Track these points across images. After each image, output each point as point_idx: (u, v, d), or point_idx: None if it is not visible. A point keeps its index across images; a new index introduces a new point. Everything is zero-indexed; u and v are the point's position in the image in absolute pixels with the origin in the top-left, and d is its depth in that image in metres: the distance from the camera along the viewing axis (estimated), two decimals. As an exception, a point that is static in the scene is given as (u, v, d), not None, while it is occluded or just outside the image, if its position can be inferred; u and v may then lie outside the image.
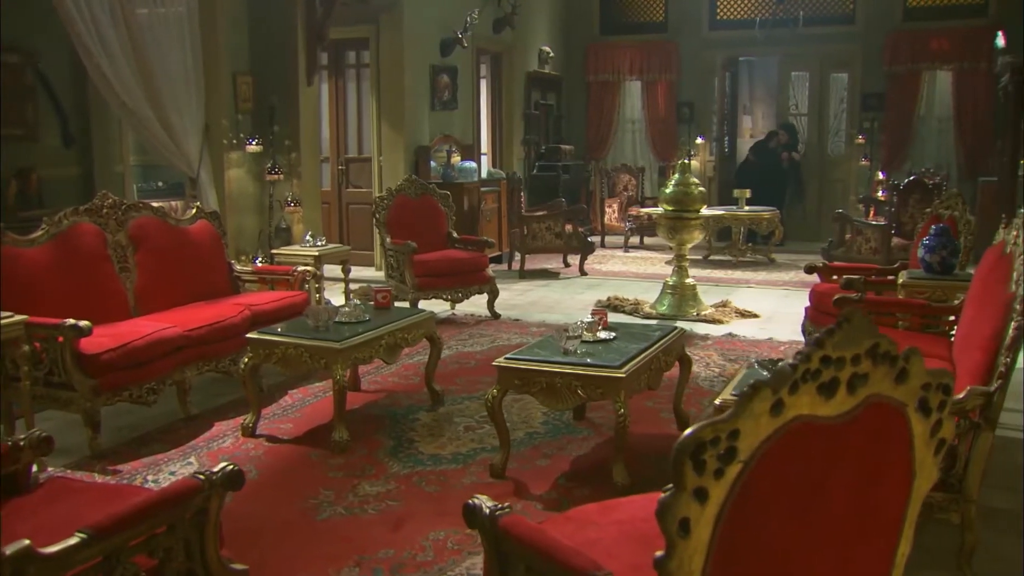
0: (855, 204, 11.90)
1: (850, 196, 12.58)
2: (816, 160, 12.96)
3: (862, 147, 12.43)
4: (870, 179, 12.21)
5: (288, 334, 4.60)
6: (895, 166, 12.10)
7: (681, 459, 1.51)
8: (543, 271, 10.25)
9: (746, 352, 6.41)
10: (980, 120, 11.59)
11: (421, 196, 7.91)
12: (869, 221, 9.24)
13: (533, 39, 12.74)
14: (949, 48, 11.61)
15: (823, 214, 12.93)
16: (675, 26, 13.32)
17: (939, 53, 11.70)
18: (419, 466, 4.23)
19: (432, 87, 10.13)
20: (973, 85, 11.60)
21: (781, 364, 1.61)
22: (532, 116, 12.74)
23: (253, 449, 4.52)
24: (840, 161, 12.90)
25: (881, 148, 12.24)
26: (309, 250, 7.01)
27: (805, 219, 12.84)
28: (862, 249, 8.84)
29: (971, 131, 11.64)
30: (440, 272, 7.38)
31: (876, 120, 12.28)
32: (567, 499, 3.84)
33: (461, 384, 5.61)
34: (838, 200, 12.73)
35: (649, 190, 13.18)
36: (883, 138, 12.20)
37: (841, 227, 9.18)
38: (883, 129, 12.21)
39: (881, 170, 12.06)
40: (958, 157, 11.80)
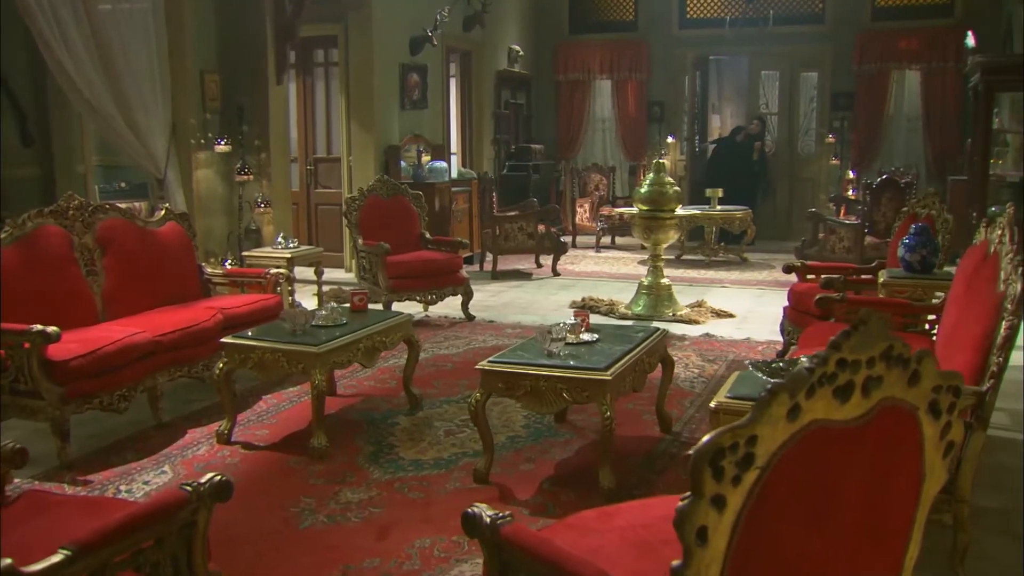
0: (825, 203, 12.02)
1: (820, 195, 12.70)
2: (786, 159, 13.07)
3: (832, 146, 12.56)
4: (840, 178, 12.33)
5: (264, 338, 4.52)
6: (865, 165, 12.25)
7: (700, 466, 1.49)
8: (515, 272, 10.23)
9: (724, 352, 6.43)
10: (948, 119, 11.76)
11: (393, 196, 7.85)
12: (842, 220, 9.31)
13: (503, 38, 12.71)
14: (917, 48, 11.77)
15: (793, 213, 13.05)
16: (645, 25, 13.36)
17: (907, 53, 11.86)
18: (401, 472, 4.18)
19: (402, 86, 10.06)
20: (941, 84, 11.77)
21: (798, 368, 1.59)
22: (502, 115, 12.72)
23: (229, 457, 4.44)
24: (810, 160, 13.02)
25: (851, 147, 12.37)
26: (281, 252, 6.93)
27: (775, 218, 12.94)
28: (835, 248, 8.93)
29: (939, 130, 11.80)
30: (414, 273, 7.33)
31: (846, 119, 12.41)
32: (553, 504, 3.82)
33: (439, 387, 5.56)
34: (808, 199, 12.85)
35: (620, 190, 13.22)
36: (853, 137, 12.33)
37: (814, 226, 9.26)
38: (853, 128, 12.34)
39: (851, 169, 12.19)
40: (927, 156, 11.97)
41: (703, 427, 4.79)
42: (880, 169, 11.55)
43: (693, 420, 4.91)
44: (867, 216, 8.83)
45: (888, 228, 8.98)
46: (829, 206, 11.54)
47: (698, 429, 4.76)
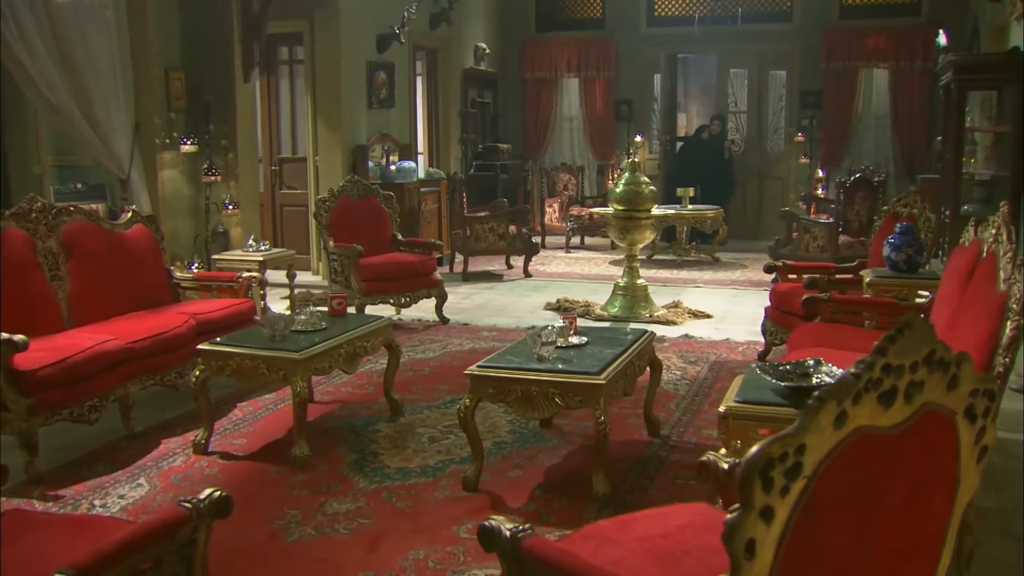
0: (795, 202, 12.13)
1: (790, 194, 12.81)
2: (755, 158, 13.16)
3: (801, 145, 12.67)
4: (810, 177, 12.45)
5: (243, 344, 4.43)
6: (834, 163, 12.37)
7: (751, 477, 1.46)
8: (486, 273, 10.17)
9: (705, 354, 6.43)
10: (916, 118, 11.93)
11: (364, 197, 7.76)
12: (817, 219, 9.39)
13: (469, 35, 12.65)
14: (885, 46, 11.92)
15: (763, 212, 13.16)
16: (613, 22, 13.38)
17: (875, 51, 12.00)
18: (387, 481, 4.12)
19: (369, 84, 9.96)
20: (909, 83, 11.93)
21: (843, 373, 1.56)
22: (469, 114, 12.65)
23: (207, 467, 4.34)
24: (779, 159, 13.12)
25: (820, 146, 12.49)
26: (253, 255, 6.81)
27: (745, 217, 13.02)
28: (809, 247, 9.00)
29: (907, 129, 11.97)
30: (387, 276, 7.25)
31: (814, 118, 12.53)
32: (547, 511, 3.78)
33: (418, 392, 5.49)
34: (778, 198, 12.96)
35: (588, 189, 13.22)
36: (822, 135, 12.45)
37: (788, 225, 9.32)
38: (821, 127, 12.46)
39: (820, 168, 12.31)
40: (895, 155, 12.13)
41: (690, 430, 4.79)
42: (850, 168, 11.67)
43: (680, 423, 4.90)
44: (841, 215, 8.91)
45: (862, 227, 9.09)
46: (799, 205, 11.64)
47: (686, 432, 4.75)
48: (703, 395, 5.42)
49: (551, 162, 13.66)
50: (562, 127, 14.07)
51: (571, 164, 13.30)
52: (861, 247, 9.04)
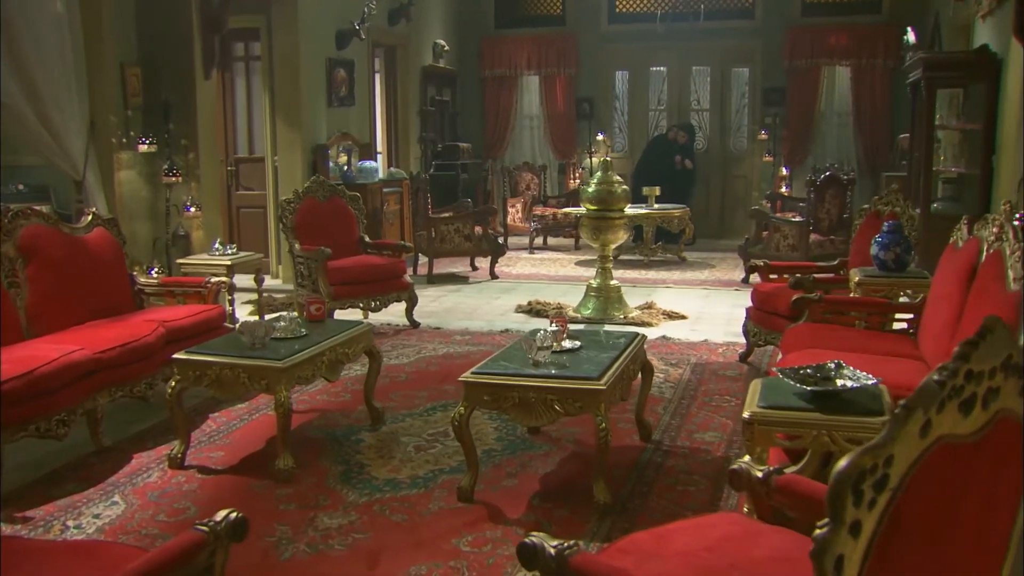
0: (759, 200, 12.22)
1: (754, 192, 12.93)
2: (718, 156, 13.25)
3: (765, 143, 12.78)
4: (773, 175, 12.57)
5: (221, 353, 4.30)
6: (797, 161, 12.52)
7: (843, 491, 1.42)
8: (451, 275, 10.09)
9: (685, 355, 6.43)
10: (878, 116, 12.11)
11: (330, 198, 7.63)
12: (788, 218, 9.47)
13: (428, 32, 12.56)
14: (847, 44, 12.09)
15: (727, 211, 13.26)
16: (574, 19, 13.38)
17: (837, 49, 12.17)
18: (377, 493, 4.02)
19: (328, 82, 9.82)
20: (871, 81, 12.11)
21: (927, 381, 1.53)
22: (428, 113, 12.55)
23: (186, 483, 4.20)
24: (743, 157, 13.23)
25: (783, 144, 12.62)
26: (220, 259, 6.64)
27: (709, 216, 13.09)
28: (780, 246, 9.07)
29: (870, 127, 12.15)
30: (357, 279, 7.13)
31: (778, 116, 12.66)
32: (548, 521, 3.72)
33: (398, 400, 5.40)
34: (741, 197, 13.07)
35: (550, 189, 13.19)
36: (785, 133, 12.58)
37: (758, 224, 9.38)
38: (784, 124, 12.59)
39: (784, 165, 12.44)
40: (858, 152, 12.30)
41: (682, 434, 4.77)
42: (814, 166, 11.81)
43: (671, 427, 4.88)
44: (811, 213, 8.99)
45: (832, 225, 9.19)
46: (763, 203, 11.72)
47: (678, 437, 4.73)
48: (689, 398, 5.41)
49: (511, 161, 13.63)
50: (522, 126, 14.04)
51: (533, 163, 13.26)
52: (831, 245, 9.16)
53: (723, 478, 4.15)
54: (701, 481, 4.13)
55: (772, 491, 2.32)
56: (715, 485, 4.08)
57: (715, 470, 4.27)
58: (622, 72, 13.61)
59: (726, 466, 4.30)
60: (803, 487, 2.29)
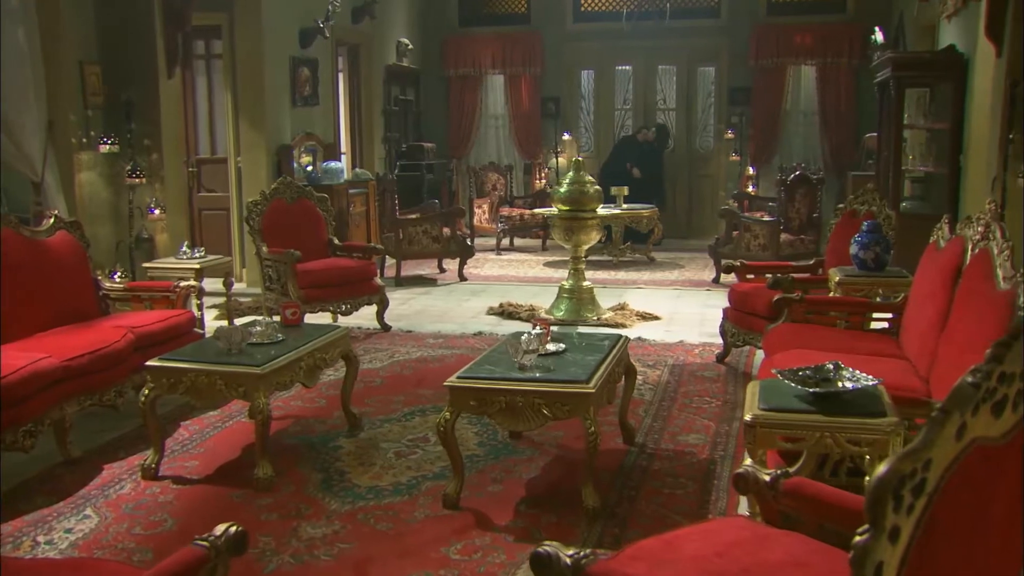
0: (725, 200, 12.31)
1: (720, 192, 13.01)
2: (685, 156, 13.31)
3: (731, 142, 12.87)
4: (740, 174, 12.66)
5: (197, 360, 4.22)
6: (763, 161, 12.62)
7: (884, 497, 1.41)
8: (419, 278, 10.03)
9: (662, 357, 6.43)
10: (844, 115, 12.25)
11: (298, 200, 7.53)
12: (759, 217, 9.54)
13: (391, 30, 12.48)
14: (812, 43, 12.21)
15: (693, 211, 13.33)
16: (538, 17, 13.37)
17: (803, 48, 12.29)
18: (360, 501, 3.97)
19: (292, 81, 9.70)
20: (836, 80, 12.25)
21: (961, 382, 1.52)
22: (392, 113, 12.47)
23: (161, 494, 4.11)
24: (709, 157, 13.30)
25: (749, 143, 12.71)
26: (188, 262, 6.52)
27: (675, 216, 13.12)
28: (750, 246, 9.13)
29: (835, 126, 12.29)
30: (327, 282, 7.05)
31: (744, 115, 12.75)
32: (536, 528, 3.69)
33: (374, 405, 5.34)
34: (708, 196, 13.15)
35: (516, 189, 13.17)
36: (751, 132, 12.68)
37: (729, 224, 9.44)
38: (751, 123, 12.68)
39: (751, 165, 12.54)
40: (823, 152, 12.44)
41: (665, 437, 4.77)
42: (781, 165, 11.92)
43: (654, 430, 4.88)
44: (781, 213, 9.07)
45: (802, 224, 9.27)
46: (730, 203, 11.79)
47: (661, 439, 4.73)
48: (670, 400, 5.42)
49: (477, 161, 13.58)
50: (487, 125, 14.01)
51: (499, 163, 13.23)
52: (802, 244, 9.25)
53: (710, 481, 4.17)
54: (688, 484, 4.13)
55: (780, 495, 2.31)
56: (703, 488, 4.08)
57: (701, 473, 4.27)
58: (588, 71, 13.63)
59: (712, 469, 4.32)
60: (812, 490, 2.28)
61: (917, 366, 3.96)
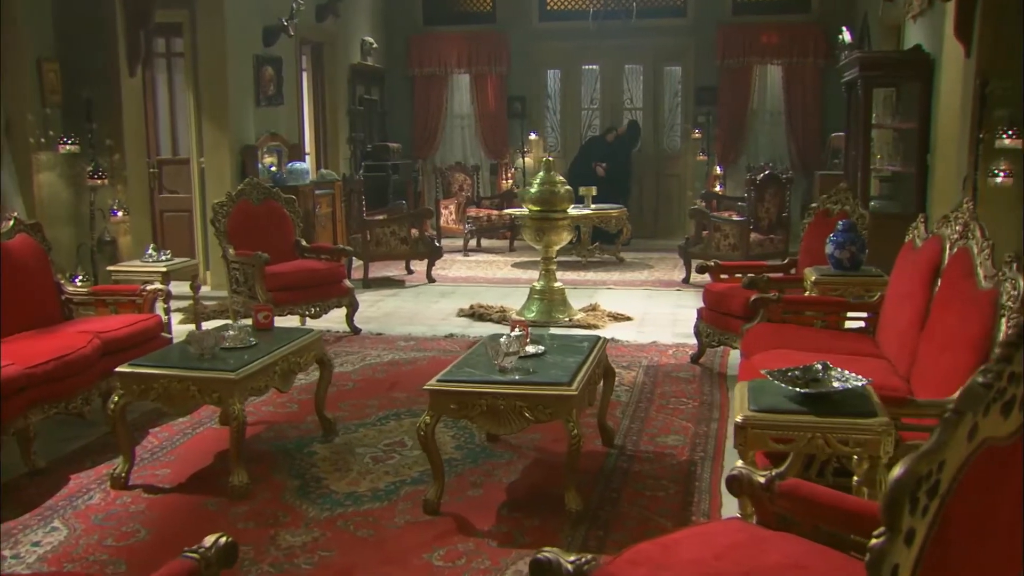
0: (693, 200, 12.38)
1: (687, 192, 13.09)
2: (652, 156, 13.36)
3: (698, 141, 12.95)
4: (707, 174, 12.74)
5: (169, 365, 4.15)
6: (730, 160, 12.72)
7: (901, 499, 1.41)
8: (387, 279, 9.97)
9: (636, 358, 6.44)
10: (810, 114, 12.38)
11: (264, 201, 7.45)
12: (728, 217, 9.60)
13: (356, 29, 12.40)
14: (778, 42, 12.33)
15: (661, 210, 13.39)
16: (504, 16, 13.35)
17: (769, 47, 12.40)
18: (339, 507, 3.92)
19: (256, 80, 9.60)
20: (802, 80, 12.38)
21: (972, 383, 1.53)
22: (356, 112, 12.39)
23: (132, 504, 4.03)
24: (676, 156, 13.37)
25: (716, 142, 12.80)
26: (154, 266, 6.41)
27: (642, 216, 13.16)
28: (720, 245, 9.18)
29: (801, 125, 12.41)
30: (296, 285, 6.98)
31: (711, 114, 12.83)
32: (520, 532, 3.67)
33: (347, 410, 5.29)
34: (676, 196, 13.22)
35: (482, 189, 13.14)
36: (718, 132, 12.76)
37: (699, 224, 9.49)
38: (717, 123, 12.77)
39: (718, 164, 12.62)
40: (790, 151, 12.55)
41: (644, 438, 4.77)
42: (748, 165, 12.02)
43: (632, 432, 4.88)
44: (751, 212, 9.14)
45: (771, 224, 9.35)
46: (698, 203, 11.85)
47: (640, 441, 4.73)
48: (647, 401, 5.43)
49: (442, 161, 13.54)
50: (453, 125, 13.97)
51: (465, 164, 13.20)
52: (771, 244, 9.32)
53: (692, 482, 4.18)
54: (670, 486, 4.13)
55: (775, 496, 2.31)
56: (684, 490, 4.09)
57: (682, 474, 4.28)
58: (554, 71, 13.65)
59: (693, 470, 4.34)
60: (808, 492, 2.29)
61: (896, 365, 4.00)
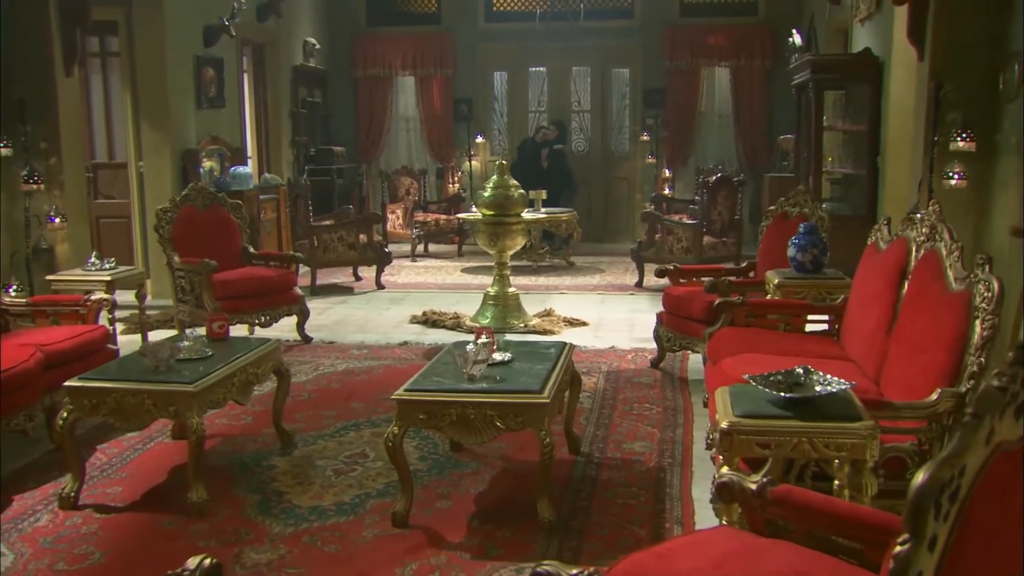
0: (642, 203, 12.48)
1: (636, 195, 13.18)
2: (600, 158, 13.44)
3: (647, 144, 13.05)
4: (656, 176, 12.85)
5: (122, 378, 4.03)
6: (679, 163, 12.85)
7: (926, 506, 1.42)
8: (334, 286, 9.85)
9: (595, 363, 6.45)
10: (757, 117, 12.57)
11: (210, 207, 7.31)
12: (681, 220, 9.68)
13: (298, 29, 12.27)
14: (725, 44, 12.50)
15: (609, 214, 13.46)
16: (449, 17, 13.33)
17: (716, 49, 12.55)
18: (303, 523, 3.85)
19: (197, 81, 9.43)
20: (749, 82, 12.56)
21: (986, 387, 1.55)
22: (299, 115, 12.25)
23: (83, 524, 3.91)
24: (625, 159, 13.46)
25: (665, 145, 12.91)
26: (98, 274, 6.25)
27: (591, 219, 13.21)
28: (673, 249, 9.26)
29: (749, 127, 12.59)
30: (245, 293, 6.86)
31: (659, 116, 12.95)
32: (492, 544, 3.64)
33: (304, 421, 5.21)
34: (624, 199, 13.31)
35: (429, 194, 13.08)
36: (666, 135, 12.88)
37: (651, 227, 9.55)
38: (666, 125, 12.89)
39: (667, 167, 12.73)
40: (738, 153, 12.72)
41: (611, 445, 4.77)
42: (697, 167, 12.14)
43: (598, 439, 4.88)
44: (704, 215, 9.23)
45: (724, 227, 9.45)
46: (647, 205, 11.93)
47: (607, 448, 4.73)
48: (609, 407, 5.44)
49: (388, 165, 13.45)
50: (398, 128, 13.92)
51: (412, 167, 13.13)
52: (724, 247, 9.42)
53: (662, 489, 4.19)
54: (640, 494, 4.14)
55: (768, 503, 2.32)
56: (655, 497, 4.10)
57: (652, 481, 4.28)
58: (500, 72, 13.66)
59: (662, 477, 4.35)
60: (802, 498, 2.30)
61: (864, 367, 4.06)
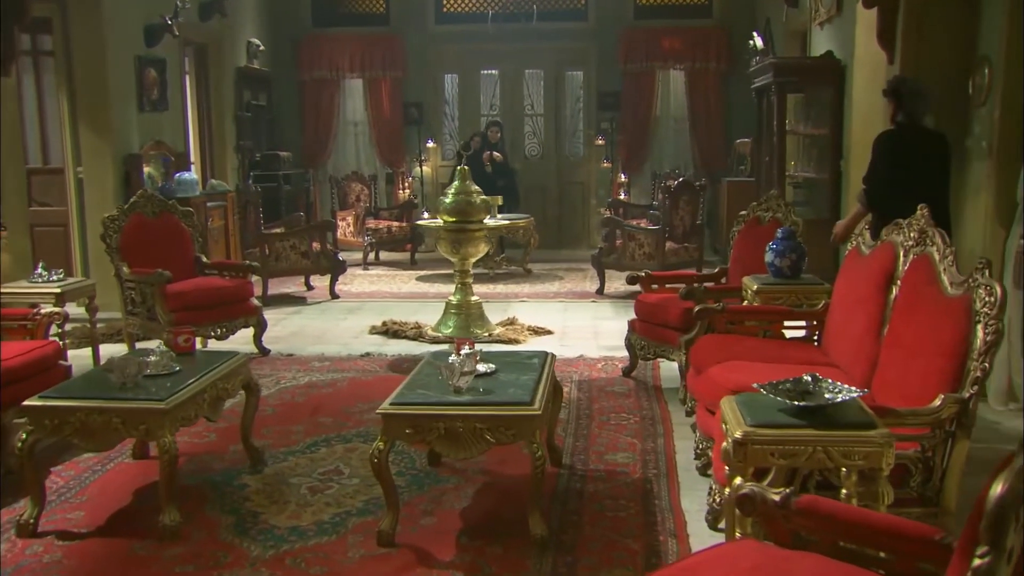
0: (597, 208, 12.52)
1: (592, 200, 13.22)
2: (554, 163, 13.46)
3: (602, 148, 13.10)
4: (612, 181, 12.91)
5: (87, 396, 3.91)
6: (635, 167, 12.93)
7: (1007, 517, 1.42)
8: (286, 296, 9.72)
9: (567, 373, 6.43)
10: (713, 120, 12.70)
11: (160, 215, 7.15)
12: (643, 226, 9.72)
13: (242, 29, 12.09)
14: (680, 47, 12.60)
15: (564, 219, 13.47)
16: (399, 18, 13.25)
17: (671, 52, 12.65)
18: (283, 544, 3.77)
19: (139, 83, 9.23)
20: (705, 85, 12.68)
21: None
22: (244, 119, 12.07)
23: (45, 553, 3.77)
24: (579, 163, 13.49)
25: (620, 149, 12.98)
26: (46, 286, 6.06)
27: (546, 225, 13.19)
28: (635, 255, 9.30)
29: (705, 131, 12.71)
30: (200, 304, 6.72)
31: (614, 120, 13.01)
32: (484, 562, 3.60)
33: (271, 437, 5.11)
34: (579, 204, 13.35)
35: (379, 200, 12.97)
36: (621, 138, 12.95)
37: (611, 232, 9.58)
38: (621, 129, 12.96)
39: (622, 171, 12.80)
40: (694, 157, 12.84)
41: (592, 456, 4.77)
42: (653, 172, 12.23)
43: (578, 450, 4.87)
44: (665, 220, 9.29)
45: (686, 232, 9.53)
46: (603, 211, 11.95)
47: (589, 459, 4.72)
48: (586, 418, 5.43)
49: (336, 170, 13.32)
50: (346, 132, 13.79)
51: (361, 173, 13.01)
52: (686, 253, 9.50)
53: (651, 500, 4.19)
54: (629, 506, 4.13)
55: (792, 514, 2.32)
56: (645, 509, 4.10)
57: (639, 493, 4.28)
58: (452, 75, 13.61)
59: (649, 488, 4.35)
60: (828, 508, 2.31)
61: (851, 373, 4.10)
